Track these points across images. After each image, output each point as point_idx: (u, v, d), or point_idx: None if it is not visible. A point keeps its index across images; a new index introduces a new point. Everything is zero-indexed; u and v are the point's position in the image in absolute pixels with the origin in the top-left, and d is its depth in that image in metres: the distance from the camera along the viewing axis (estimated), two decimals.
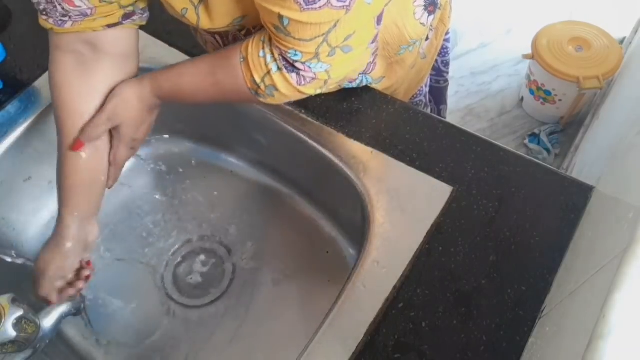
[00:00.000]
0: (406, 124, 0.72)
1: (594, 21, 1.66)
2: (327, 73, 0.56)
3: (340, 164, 0.68)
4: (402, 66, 0.76)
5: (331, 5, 0.47)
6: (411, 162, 0.68)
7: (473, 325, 0.57)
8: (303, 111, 0.73)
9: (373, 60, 0.72)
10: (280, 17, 0.49)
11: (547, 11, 1.98)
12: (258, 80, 0.57)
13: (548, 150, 1.72)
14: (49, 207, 0.85)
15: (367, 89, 0.75)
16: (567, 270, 0.58)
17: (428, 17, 0.73)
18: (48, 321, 0.61)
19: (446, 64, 1.00)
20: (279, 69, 0.55)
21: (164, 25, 0.83)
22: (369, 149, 0.69)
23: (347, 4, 0.48)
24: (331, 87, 0.61)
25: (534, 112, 1.82)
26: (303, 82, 0.56)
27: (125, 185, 0.91)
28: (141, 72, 0.80)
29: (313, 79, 0.56)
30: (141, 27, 0.66)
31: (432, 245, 0.62)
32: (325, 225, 0.83)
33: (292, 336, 0.76)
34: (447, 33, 0.91)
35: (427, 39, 0.80)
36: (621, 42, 1.78)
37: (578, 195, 0.65)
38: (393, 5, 0.65)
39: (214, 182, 0.91)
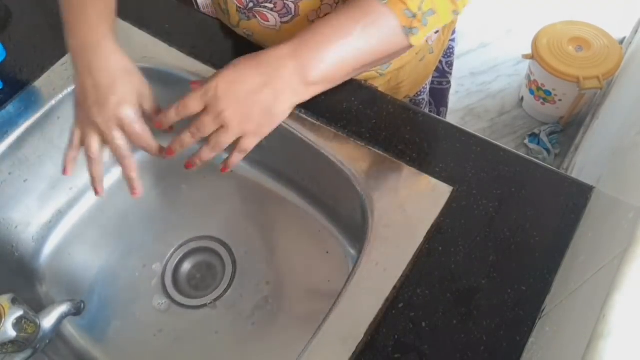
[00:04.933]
0: (406, 124, 0.72)
1: (594, 21, 1.66)
2: None
3: (340, 164, 0.68)
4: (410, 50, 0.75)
5: None
6: (411, 162, 0.68)
7: (473, 325, 0.57)
8: (303, 111, 0.72)
9: None
10: None
11: (547, 11, 1.99)
12: (415, 9, 0.54)
13: (548, 150, 1.72)
14: (49, 207, 0.85)
15: (367, 88, 0.75)
16: (567, 270, 0.58)
17: None
18: (48, 321, 0.61)
19: (450, 65, 1.00)
20: None
21: (164, 25, 0.83)
22: (369, 149, 0.69)
23: None
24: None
25: (534, 112, 1.82)
26: None
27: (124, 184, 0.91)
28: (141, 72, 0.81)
29: None
30: (142, 28, 0.66)
31: (432, 245, 0.62)
32: (325, 225, 0.83)
33: (292, 336, 0.76)
34: (453, 32, 0.90)
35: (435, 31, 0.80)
36: (621, 42, 1.78)
37: (578, 195, 0.65)
38: None
39: (214, 182, 0.91)
